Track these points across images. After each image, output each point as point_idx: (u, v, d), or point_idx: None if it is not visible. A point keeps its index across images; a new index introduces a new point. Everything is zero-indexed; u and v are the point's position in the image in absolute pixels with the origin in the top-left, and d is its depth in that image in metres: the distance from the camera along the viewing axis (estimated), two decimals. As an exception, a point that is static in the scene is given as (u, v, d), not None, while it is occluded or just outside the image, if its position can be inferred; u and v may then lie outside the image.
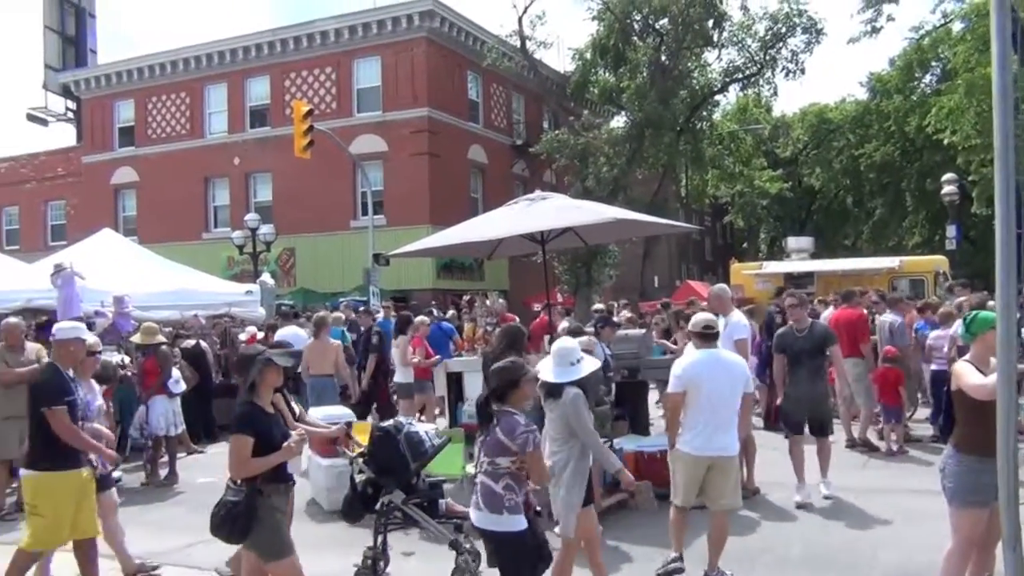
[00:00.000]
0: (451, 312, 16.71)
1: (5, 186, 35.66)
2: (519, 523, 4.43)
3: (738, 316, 8.21)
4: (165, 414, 9.95)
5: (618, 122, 30.68)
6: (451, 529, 5.65)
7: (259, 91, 29.61)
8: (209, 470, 10.00)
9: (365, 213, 24.91)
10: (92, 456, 5.68)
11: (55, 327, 5.80)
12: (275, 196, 28.91)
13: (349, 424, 6.62)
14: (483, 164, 29.66)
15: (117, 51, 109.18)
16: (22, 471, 5.47)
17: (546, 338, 8.63)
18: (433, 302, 20.07)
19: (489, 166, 29.88)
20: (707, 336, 5.92)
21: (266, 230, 24.79)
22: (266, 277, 18.38)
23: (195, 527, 7.76)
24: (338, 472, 8.13)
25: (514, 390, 4.49)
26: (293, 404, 5.76)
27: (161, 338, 10.60)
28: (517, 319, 11.45)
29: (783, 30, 26.85)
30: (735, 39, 27.51)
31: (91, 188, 32.63)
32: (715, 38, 27.47)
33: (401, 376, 11.21)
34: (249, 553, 4.97)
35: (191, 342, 12.52)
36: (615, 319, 12.25)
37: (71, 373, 5.54)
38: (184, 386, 10.58)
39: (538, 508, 5.27)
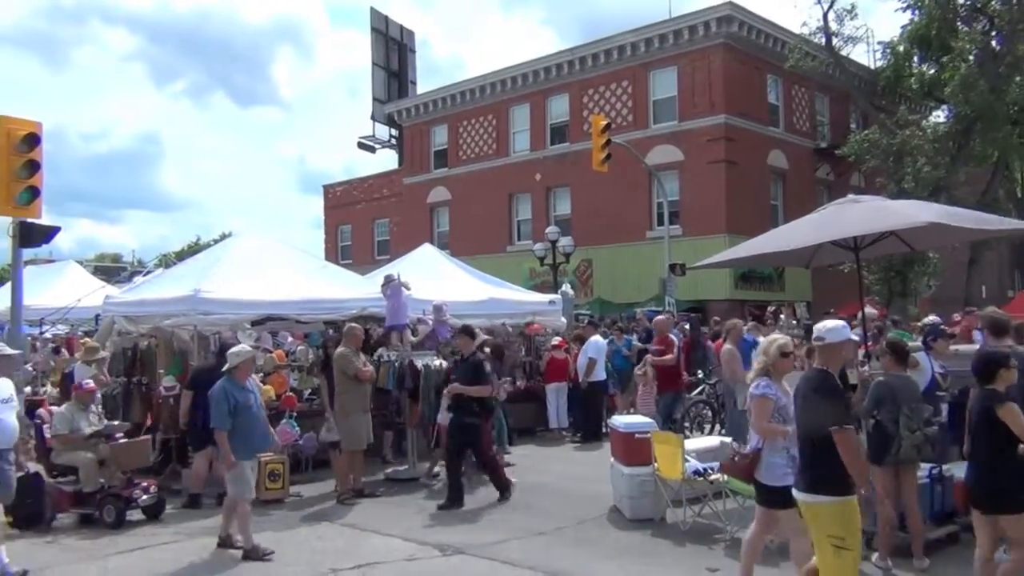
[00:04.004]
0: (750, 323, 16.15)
1: (341, 207, 40.39)
2: None
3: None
4: None
5: (938, 117, 27.95)
6: None
7: (559, 109, 30.77)
8: (513, 472, 10.50)
9: (661, 224, 24.90)
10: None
11: (821, 329, 5.09)
12: (574, 209, 29.84)
13: None
14: (783, 170, 28.43)
15: (431, 81, 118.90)
16: (814, 499, 4.73)
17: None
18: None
19: (790, 171, 28.58)
20: None
21: (565, 242, 25.66)
22: (566, 287, 19.03)
23: (510, 524, 8.23)
24: (640, 480, 8.17)
25: None
26: None
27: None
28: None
29: None
30: (1089, 11, 23.84)
31: (410, 207, 35.87)
32: (1062, 12, 24.01)
33: None
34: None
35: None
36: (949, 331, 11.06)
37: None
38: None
39: None
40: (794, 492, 4.92)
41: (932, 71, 26.46)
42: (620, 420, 9.14)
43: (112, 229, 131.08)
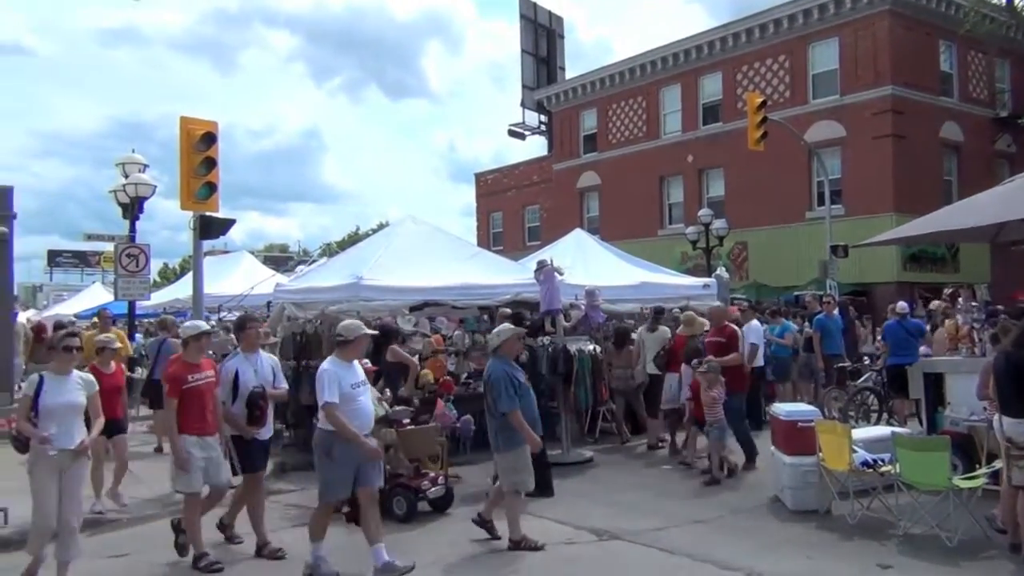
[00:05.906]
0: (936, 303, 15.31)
1: (492, 195, 41.01)
2: None
3: None
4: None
5: None
6: None
7: (712, 88, 29.92)
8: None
9: (821, 203, 23.81)
10: None
11: None
12: (727, 190, 29.00)
13: None
14: (957, 142, 26.50)
15: (577, 66, 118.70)
16: None
17: None
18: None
19: (965, 144, 26.60)
20: None
21: (719, 224, 25.04)
22: (721, 271, 18.57)
23: (667, 511, 8.15)
24: (803, 470, 7.88)
25: None
26: None
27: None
28: None
29: None
30: None
31: (560, 192, 35.94)
32: None
33: None
34: None
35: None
36: None
37: None
38: None
39: None
40: None
41: None
42: (782, 407, 8.83)
43: (279, 221, 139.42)
